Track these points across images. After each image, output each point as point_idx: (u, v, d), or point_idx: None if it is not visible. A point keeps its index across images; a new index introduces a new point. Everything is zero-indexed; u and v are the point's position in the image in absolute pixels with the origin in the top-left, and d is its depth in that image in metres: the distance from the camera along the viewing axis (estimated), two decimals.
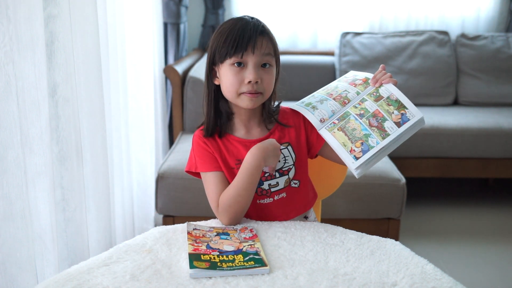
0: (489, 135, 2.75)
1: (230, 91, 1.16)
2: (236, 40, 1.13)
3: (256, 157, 1.13)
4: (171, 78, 2.72)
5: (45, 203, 1.39)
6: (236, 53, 1.13)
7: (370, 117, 1.11)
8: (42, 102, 1.33)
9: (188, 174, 1.26)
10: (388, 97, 1.13)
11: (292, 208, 1.24)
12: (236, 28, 1.14)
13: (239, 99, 1.17)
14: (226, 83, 1.16)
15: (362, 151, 1.08)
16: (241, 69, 1.15)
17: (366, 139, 1.09)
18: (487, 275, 2.19)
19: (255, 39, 1.14)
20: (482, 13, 3.54)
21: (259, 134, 1.23)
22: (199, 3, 3.41)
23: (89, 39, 1.58)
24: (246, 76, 1.14)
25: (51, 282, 0.90)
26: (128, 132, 2.14)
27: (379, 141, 1.09)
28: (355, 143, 1.09)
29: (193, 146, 1.23)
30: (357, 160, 1.08)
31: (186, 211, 2.14)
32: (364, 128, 1.10)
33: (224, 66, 1.16)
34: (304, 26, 3.50)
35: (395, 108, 1.12)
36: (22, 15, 1.24)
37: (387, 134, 1.09)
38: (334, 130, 1.12)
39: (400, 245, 1.07)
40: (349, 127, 1.11)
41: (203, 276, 0.91)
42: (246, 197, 1.15)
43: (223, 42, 1.14)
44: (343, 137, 1.11)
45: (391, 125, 1.10)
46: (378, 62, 3.22)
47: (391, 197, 2.14)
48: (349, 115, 1.13)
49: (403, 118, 1.10)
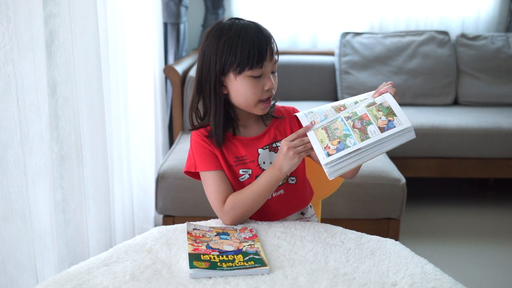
0: (489, 135, 2.75)
1: (249, 100, 1.17)
2: (256, 52, 1.12)
3: (274, 169, 1.15)
4: (171, 78, 2.72)
5: (45, 203, 1.39)
6: (257, 64, 1.13)
7: (355, 120, 1.10)
8: (42, 102, 1.33)
9: (187, 175, 1.26)
10: (381, 104, 1.11)
11: (290, 204, 1.26)
12: (250, 38, 1.13)
13: (255, 107, 1.18)
14: (243, 93, 1.16)
15: (337, 149, 1.07)
16: (259, 78, 1.16)
17: (345, 139, 1.08)
18: (487, 275, 2.19)
19: (271, 47, 1.16)
20: (482, 13, 3.53)
21: (256, 131, 1.24)
22: (199, 3, 3.41)
23: (89, 39, 1.58)
24: (265, 84, 1.16)
25: (51, 282, 0.90)
26: (128, 132, 2.14)
27: (356, 142, 1.06)
28: (332, 141, 1.08)
29: (192, 145, 1.23)
30: (329, 157, 1.06)
31: (186, 211, 2.14)
32: (346, 128, 1.09)
33: (241, 77, 1.15)
34: (304, 26, 3.50)
35: (384, 114, 1.10)
36: (22, 15, 1.24)
37: (367, 137, 1.07)
38: (318, 129, 1.12)
39: (400, 245, 1.07)
40: (333, 127, 1.11)
41: (203, 276, 0.91)
42: (257, 203, 1.17)
43: (240, 53, 1.12)
44: (323, 134, 1.10)
45: (374, 129, 1.07)
46: (378, 62, 3.22)
47: (391, 197, 2.13)
48: (337, 118, 1.13)
49: (388, 125, 1.07)
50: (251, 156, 1.21)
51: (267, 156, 1.22)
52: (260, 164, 1.21)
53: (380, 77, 3.19)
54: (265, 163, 1.21)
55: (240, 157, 1.21)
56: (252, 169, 1.21)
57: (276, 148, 1.23)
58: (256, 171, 1.21)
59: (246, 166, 1.21)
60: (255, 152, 1.21)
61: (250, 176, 1.21)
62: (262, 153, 1.22)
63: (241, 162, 1.21)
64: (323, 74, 3.28)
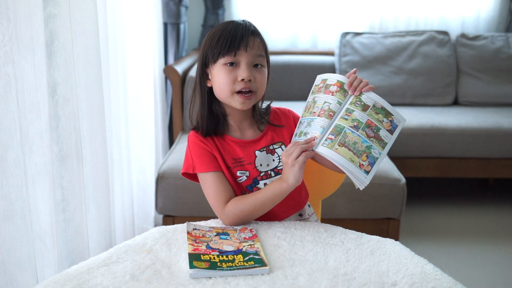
0: (489, 135, 2.75)
1: (223, 90, 1.17)
2: (229, 39, 1.14)
3: (281, 181, 1.14)
4: (171, 78, 2.72)
5: (45, 203, 1.39)
6: (229, 52, 1.14)
7: (365, 128, 1.11)
8: (42, 102, 1.33)
9: (184, 177, 1.26)
10: (374, 105, 1.13)
11: (286, 207, 1.25)
12: (229, 29, 1.16)
13: (232, 99, 1.17)
14: (219, 82, 1.17)
15: (369, 164, 1.08)
16: (234, 68, 1.16)
17: (369, 151, 1.09)
18: (487, 275, 2.19)
19: (247, 38, 1.15)
20: (482, 13, 3.54)
21: (252, 135, 1.24)
22: (199, 3, 3.41)
23: (89, 39, 1.58)
24: (239, 74, 1.15)
25: (51, 282, 0.90)
26: (128, 132, 2.14)
27: (380, 151, 1.09)
28: (361, 157, 1.08)
29: (190, 146, 1.23)
30: (368, 174, 1.08)
31: (186, 211, 2.14)
32: (364, 140, 1.09)
33: (217, 66, 1.17)
34: (304, 26, 3.50)
35: (383, 116, 1.13)
36: (22, 15, 1.24)
37: (385, 143, 1.11)
38: (335, 146, 1.08)
39: (400, 245, 1.07)
40: (349, 141, 1.09)
41: (203, 276, 0.91)
42: (259, 211, 1.17)
43: (216, 43, 1.16)
44: (347, 152, 1.08)
45: (385, 134, 1.11)
46: (378, 62, 3.22)
47: (391, 197, 2.13)
48: (343, 128, 1.10)
49: (392, 125, 1.12)
50: (248, 158, 1.21)
51: (264, 159, 1.22)
52: (257, 167, 1.21)
53: (380, 77, 3.19)
54: (262, 165, 1.21)
55: (238, 159, 1.20)
56: (250, 171, 1.20)
57: (273, 151, 1.23)
58: (253, 173, 1.20)
59: (244, 168, 1.21)
60: (252, 154, 1.21)
61: (247, 178, 1.20)
62: (259, 155, 1.21)
63: (239, 164, 1.20)
64: None
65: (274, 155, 1.22)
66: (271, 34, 3.48)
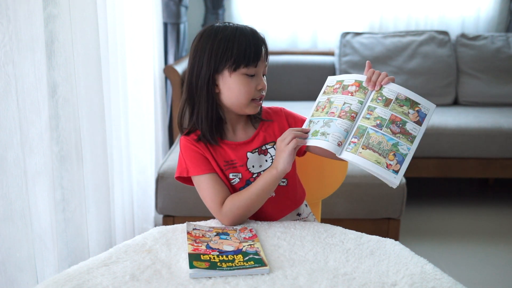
0: (489, 135, 2.75)
1: (241, 99, 1.17)
2: (252, 50, 1.14)
3: (270, 168, 1.14)
4: (171, 78, 2.72)
5: (45, 203, 1.39)
6: (253, 62, 1.15)
7: (389, 125, 1.05)
8: (42, 102, 1.33)
9: (178, 181, 1.25)
10: (397, 97, 1.08)
11: (282, 206, 1.25)
12: (247, 37, 1.15)
13: (247, 106, 1.19)
14: (236, 91, 1.16)
15: (398, 162, 1.03)
16: (252, 77, 1.17)
17: (397, 149, 1.03)
18: (487, 275, 2.19)
19: (265, 48, 1.18)
20: (482, 13, 3.53)
21: (244, 136, 1.23)
22: (199, 3, 3.41)
23: (89, 39, 1.58)
24: (259, 84, 1.17)
25: (51, 282, 0.90)
26: (128, 132, 2.14)
27: (409, 146, 1.04)
28: (387, 157, 1.03)
29: (182, 150, 1.21)
30: (398, 173, 1.02)
31: (186, 211, 2.14)
32: (389, 138, 1.04)
33: (236, 75, 1.15)
34: (304, 26, 3.50)
35: (408, 107, 1.07)
36: (22, 15, 1.24)
37: (414, 137, 1.05)
38: (359, 150, 1.04)
39: (399, 245, 1.07)
40: (373, 142, 1.04)
41: (203, 276, 0.91)
42: (256, 204, 1.16)
43: (237, 50, 1.13)
44: (372, 154, 1.03)
45: (413, 126, 1.06)
46: (378, 62, 3.22)
47: (391, 197, 2.14)
48: (366, 129, 1.05)
49: (420, 115, 1.07)
50: (240, 160, 1.20)
51: (256, 160, 1.21)
52: (250, 168, 1.20)
53: None
54: (254, 166, 1.20)
55: (230, 161, 1.19)
56: (242, 173, 1.20)
57: (266, 151, 1.22)
58: (246, 175, 1.20)
59: (236, 170, 1.20)
60: (244, 156, 1.20)
61: (240, 180, 1.20)
62: (251, 156, 1.20)
63: (231, 166, 1.20)
64: (323, 74, 3.24)
65: (267, 156, 1.21)
66: (271, 34, 3.48)
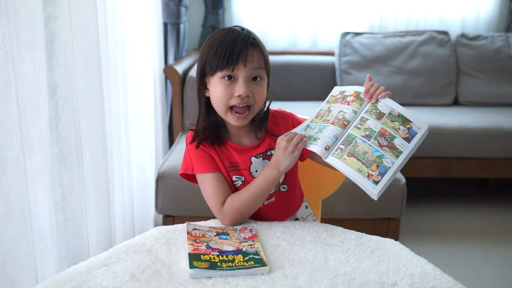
0: (489, 135, 2.75)
1: (219, 105, 1.15)
2: (227, 53, 1.10)
3: (271, 168, 1.12)
4: (171, 78, 2.72)
5: (45, 203, 1.39)
6: (227, 66, 1.10)
7: (378, 137, 1.07)
8: (42, 102, 1.33)
9: (182, 177, 1.25)
10: (390, 113, 1.09)
11: (281, 212, 1.25)
12: (227, 40, 1.11)
13: (227, 116, 1.16)
14: (215, 96, 1.14)
15: (379, 173, 1.04)
16: (232, 82, 1.12)
17: (381, 161, 1.05)
18: (487, 275, 2.19)
19: (246, 51, 1.11)
20: (482, 13, 3.54)
21: (250, 142, 1.23)
22: (199, 3, 3.41)
23: (89, 39, 1.58)
24: (236, 90, 1.12)
25: (51, 282, 0.90)
26: (128, 132, 2.14)
27: (393, 160, 1.05)
28: (370, 167, 1.05)
29: (188, 147, 1.22)
30: (377, 184, 1.04)
31: (186, 211, 2.14)
32: (375, 149, 1.06)
33: (214, 79, 1.14)
34: (304, 26, 3.50)
35: (400, 123, 1.09)
36: (22, 15, 1.24)
37: (400, 152, 1.06)
38: (344, 156, 1.06)
39: (399, 245, 1.07)
40: (359, 151, 1.06)
41: (203, 276, 0.91)
42: (256, 203, 1.16)
43: (214, 54, 1.12)
44: (356, 162, 1.05)
45: (401, 142, 1.07)
46: (378, 62, 3.22)
47: (391, 197, 2.13)
48: (354, 138, 1.08)
49: (410, 133, 1.08)
50: (243, 163, 1.20)
51: (259, 165, 1.20)
52: (252, 173, 1.20)
53: (380, 77, 3.19)
54: (258, 171, 1.20)
55: (234, 163, 1.19)
56: (245, 177, 1.20)
57: (270, 156, 1.21)
58: (248, 179, 1.19)
59: (239, 173, 1.20)
60: (248, 160, 1.20)
61: (243, 183, 1.20)
62: (255, 161, 1.20)
63: (235, 169, 1.20)
64: (323, 74, 3.28)
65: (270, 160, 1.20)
66: (271, 34, 3.48)
